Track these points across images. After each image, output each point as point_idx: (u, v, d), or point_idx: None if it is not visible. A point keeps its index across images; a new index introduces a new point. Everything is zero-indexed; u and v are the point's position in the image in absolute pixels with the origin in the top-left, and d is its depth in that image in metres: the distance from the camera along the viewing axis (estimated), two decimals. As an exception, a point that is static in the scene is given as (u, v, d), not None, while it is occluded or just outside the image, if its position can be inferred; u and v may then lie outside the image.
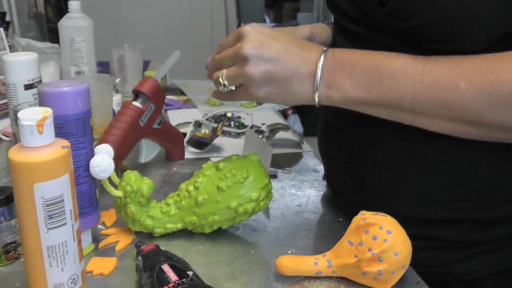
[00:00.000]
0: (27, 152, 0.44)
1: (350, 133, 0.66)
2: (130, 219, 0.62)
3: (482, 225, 0.62)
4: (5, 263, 0.57)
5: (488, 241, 0.62)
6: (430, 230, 0.63)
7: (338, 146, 0.70)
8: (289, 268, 0.55)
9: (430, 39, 0.55)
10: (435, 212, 0.62)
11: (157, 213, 0.62)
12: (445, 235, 0.63)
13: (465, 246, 0.63)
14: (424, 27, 0.54)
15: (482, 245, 0.63)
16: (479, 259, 0.63)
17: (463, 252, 0.63)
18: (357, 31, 0.63)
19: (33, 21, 1.80)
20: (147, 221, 0.62)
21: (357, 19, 0.63)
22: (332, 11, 0.71)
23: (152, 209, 0.62)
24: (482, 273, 0.63)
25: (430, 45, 0.56)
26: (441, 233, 0.63)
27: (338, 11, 0.67)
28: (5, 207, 0.67)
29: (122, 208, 0.62)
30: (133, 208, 0.61)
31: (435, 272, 0.64)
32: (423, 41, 0.56)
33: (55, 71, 1.23)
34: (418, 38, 0.56)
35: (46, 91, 0.53)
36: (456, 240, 0.63)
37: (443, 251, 0.64)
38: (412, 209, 0.62)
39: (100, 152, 0.58)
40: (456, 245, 0.63)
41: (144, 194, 0.61)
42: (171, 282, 0.48)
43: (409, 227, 0.56)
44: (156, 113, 0.80)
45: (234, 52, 0.59)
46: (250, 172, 0.61)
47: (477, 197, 0.60)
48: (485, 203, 0.61)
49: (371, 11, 0.60)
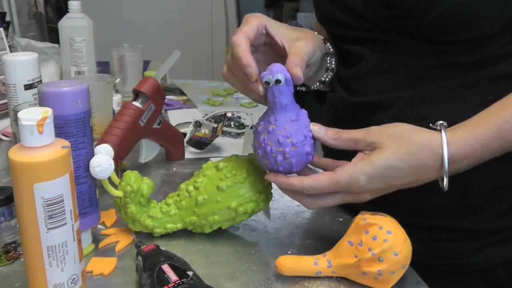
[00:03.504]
0: (27, 152, 0.44)
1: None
2: (130, 219, 0.62)
3: (497, 213, 0.62)
4: (5, 263, 0.57)
5: (502, 230, 0.63)
6: (446, 220, 0.63)
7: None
8: (289, 268, 0.55)
9: (445, 30, 0.55)
10: (452, 201, 0.62)
11: (157, 213, 0.62)
12: (462, 225, 0.63)
13: (481, 235, 0.63)
14: (441, 20, 0.54)
15: (497, 234, 0.63)
16: (494, 248, 0.63)
17: (479, 242, 0.64)
18: (363, 36, 0.63)
19: (33, 21, 1.80)
20: (147, 221, 0.62)
21: (360, 27, 0.63)
22: (327, 25, 0.69)
23: (152, 209, 0.62)
24: (496, 262, 0.64)
25: (444, 36, 0.56)
26: (457, 223, 0.63)
27: (334, 23, 0.67)
28: (5, 207, 0.67)
29: (122, 208, 0.62)
30: (133, 208, 0.61)
31: (451, 263, 0.65)
32: (437, 34, 0.56)
33: (55, 71, 1.23)
34: (433, 31, 0.56)
35: (46, 91, 0.53)
36: (473, 230, 0.63)
37: (460, 242, 0.64)
38: (429, 200, 0.63)
39: (100, 152, 0.57)
40: (472, 235, 0.64)
41: (144, 194, 0.61)
42: (171, 282, 0.48)
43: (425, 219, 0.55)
44: (156, 113, 0.80)
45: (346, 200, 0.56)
46: (250, 172, 0.61)
47: (493, 187, 0.61)
48: (500, 193, 0.61)
49: (377, 16, 0.60)
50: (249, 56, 0.54)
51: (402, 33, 0.60)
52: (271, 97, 0.54)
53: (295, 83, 0.54)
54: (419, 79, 0.61)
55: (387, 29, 0.60)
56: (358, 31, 0.64)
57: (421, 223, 0.64)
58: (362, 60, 0.66)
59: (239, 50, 0.54)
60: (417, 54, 0.61)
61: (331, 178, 0.53)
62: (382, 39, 0.62)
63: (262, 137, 0.55)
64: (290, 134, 0.53)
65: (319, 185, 0.53)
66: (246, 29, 0.57)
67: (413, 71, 0.61)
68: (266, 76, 0.53)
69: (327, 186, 0.53)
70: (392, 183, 0.54)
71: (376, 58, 0.64)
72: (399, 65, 0.62)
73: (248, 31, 0.56)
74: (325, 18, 0.70)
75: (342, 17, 0.65)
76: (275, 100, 0.54)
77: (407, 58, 0.61)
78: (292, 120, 0.54)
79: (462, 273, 0.66)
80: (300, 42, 0.59)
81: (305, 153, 0.54)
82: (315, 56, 0.61)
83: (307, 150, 0.54)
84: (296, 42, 0.58)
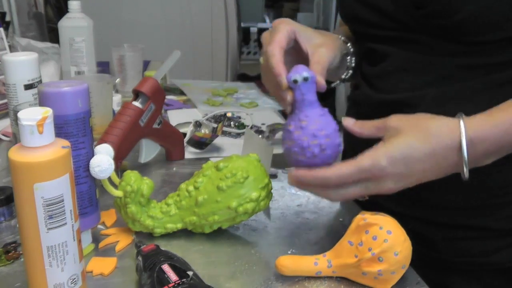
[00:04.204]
0: (27, 152, 0.44)
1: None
2: (130, 219, 0.62)
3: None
4: (5, 263, 0.57)
5: None
6: (469, 219, 0.64)
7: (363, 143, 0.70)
8: (289, 268, 0.55)
9: (473, 31, 0.56)
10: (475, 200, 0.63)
11: (157, 213, 0.62)
12: (485, 223, 0.63)
13: (504, 234, 0.64)
14: (469, 21, 0.55)
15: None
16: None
17: (501, 240, 0.64)
18: (388, 35, 0.64)
19: (33, 21, 1.80)
20: (147, 221, 0.62)
21: (385, 25, 0.63)
22: (350, 23, 0.70)
23: (152, 209, 0.62)
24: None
25: (471, 36, 0.57)
26: (480, 222, 0.64)
27: (359, 21, 0.67)
28: (5, 207, 0.67)
29: (122, 208, 0.62)
30: (133, 208, 0.61)
31: (474, 262, 0.65)
32: (464, 34, 0.57)
33: (55, 71, 1.23)
34: (460, 32, 0.57)
35: (46, 91, 0.53)
36: (494, 229, 0.64)
37: (483, 240, 0.64)
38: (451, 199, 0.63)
39: (100, 152, 0.58)
40: (494, 234, 0.64)
41: (144, 194, 0.61)
42: (171, 282, 0.48)
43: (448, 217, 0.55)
44: (156, 113, 0.80)
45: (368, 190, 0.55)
46: (250, 172, 0.61)
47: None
48: None
49: (405, 16, 0.60)
50: (281, 67, 0.57)
51: (428, 32, 0.60)
52: (299, 95, 0.56)
53: (318, 90, 0.58)
54: (444, 78, 0.62)
55: (413, 28, 0.61)
56: (383, 29, 0.65)
57: (446, 221, 0.65)
58: (387, 58, 0.67)
59: (273, 61, 0.58)
60: (442, 54, 0.61)
61: (353, 164, 0.53)
62: (408, 38, 0.63)
63: (296, 135, 0.56)
64: (322, 127, 0.56)
65: (342, 173, 0.54)
66: (279, 38, 0.60)
67: (438, 70, 0.62)
68: (294, 75, 0.56)
69: (350, 173, 0.54)
70: (413, 167, 0.53)
71: (401, 57, 0.65)
72: (425, 64, 0.63)
73: (281, 41, 0.60)
74: (349, 17, 0.71)
75: (367, 16, 0.65)
76: (304, 98, 0.56)
77: (432, 57, 0.62)
78: (321, 114, 0.56)
79: (485, 271, 0.66)
80: (322, 49, 0.62)
81: (338, 143, 0.57)
82: (335, 61, 0.65)
83: (338, 140, 0.57)
84: (318, 49, 0.62)
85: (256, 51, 4.14)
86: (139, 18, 2.20)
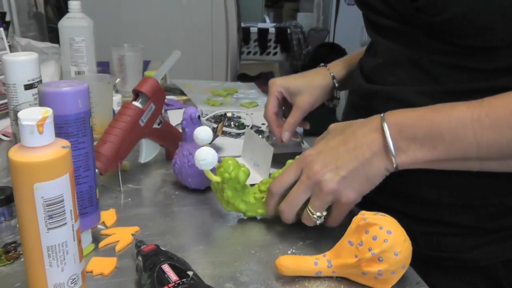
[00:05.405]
0: (27, 152, 0.44)
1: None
2: (224, 201, 0.66)
3: (499, 212, 0.63)
4: (5, 263, 0.57)
5: (503, 228, 0.63)
6: (448, 215, 0.64)
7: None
8: (289, 268, 0.55)
9: (459, 33, 0.56)
10: (454, 198, 0.63)
11: (250, 199, 0.66)
12: (462, 221, 0.64)
13: (481, 232, 0.64)
14: (454, 22, 0.55)
15: (497, 232, 0.64)
16: (493, 246, 0.64)
17: (479, 238, 0.64)
18: (388, 24, 0.65)
19: (33, 21, 1.80)
20: (240, 205, 0.66)
21: (387, 13, 0.65)
22: (361, 7, 0.72)
23: (247, 195, 0.66)
24: (495, 260, 0.64)
25: (459, 39, 0.57)
26: (459, 218, 0.64)
27: (367, 7, 0.69)
28: (5, 207, 0.67)
29: (219, 191, 0.66)
30: (229, 193, 0.65)
31: (451, 257, 0.66)
32: (451, 35, 0.57)
33: (55, 71, 1.23)
34: (447, 32, 0.57)
35: (46, 91, 0.53)
36: (473, 227, 0.64)
37: (460, 237, 0.65)
38: (430, 195, 0.64)
39: (200, 134, 0.64)
40: (472, 231, 0.64)
41: (240, 181, 0.64)
42: (171, 282, 0.48)
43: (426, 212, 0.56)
44: (156, 113, 0.80)
45: (307, 185, 0.59)
46: None
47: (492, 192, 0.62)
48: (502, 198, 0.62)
49: (401, 6, 0.61)
50: (277, 130, 0.84)
51: (420, 28, 0.61)
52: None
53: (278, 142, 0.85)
54: (431, 77, 0.62)
55: (408, 21, 0.62)
56: (385, 18, 0.66)
57: (423, 217, 0.66)
58: (381, 50, 0.70)
59: (270, 125, 0.85)
60: (431, 51, 0.62)
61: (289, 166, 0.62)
62: (402, 32, 0.64)
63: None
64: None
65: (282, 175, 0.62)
66: (271, 104, 0.84)
67: (426, 68, 0.63)
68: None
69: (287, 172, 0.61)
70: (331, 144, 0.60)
71: (392, 50, 0.67)
72: (412, 60, 0.64)
73: (274, 107, 0.84)
74: (361, 1, 0.72)
75: (374, 2, 0.67)
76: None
77: (421, 53, 0.63)
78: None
79: (461, 268, 0.66)
80: (300, 98, 0.83)
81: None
82: (316, 103, 0.85)
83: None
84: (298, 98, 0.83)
85: (256, 51, 4.13)
86: (139, 18, 2.20)
